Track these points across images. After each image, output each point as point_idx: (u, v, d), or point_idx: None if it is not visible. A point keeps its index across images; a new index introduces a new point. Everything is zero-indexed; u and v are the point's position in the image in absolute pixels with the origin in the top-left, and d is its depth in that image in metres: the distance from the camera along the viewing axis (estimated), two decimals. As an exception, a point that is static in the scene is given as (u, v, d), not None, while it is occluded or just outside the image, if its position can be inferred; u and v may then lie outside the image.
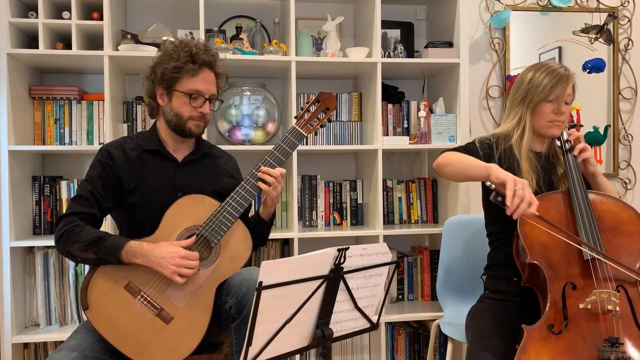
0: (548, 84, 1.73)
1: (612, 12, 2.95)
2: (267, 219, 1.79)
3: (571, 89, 1.76)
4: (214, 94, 1.72)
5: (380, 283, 1.39)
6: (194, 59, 1.65)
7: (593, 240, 1.55)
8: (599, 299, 1.47)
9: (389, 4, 2.67)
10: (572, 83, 1.76)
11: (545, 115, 1.75)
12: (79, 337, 1.54)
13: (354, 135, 2.61)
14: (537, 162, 1.77)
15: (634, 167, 3.01)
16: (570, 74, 1.77)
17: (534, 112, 1.77)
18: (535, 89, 1.75)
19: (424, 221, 2.72)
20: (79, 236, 1.56)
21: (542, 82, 1.74)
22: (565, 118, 1.76)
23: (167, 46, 1.69)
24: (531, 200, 1.44)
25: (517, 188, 1.44)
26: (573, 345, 1.42)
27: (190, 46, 1.66)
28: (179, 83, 1.66)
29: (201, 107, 1.68)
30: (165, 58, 1.66)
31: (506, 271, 1.74)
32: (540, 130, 1.78)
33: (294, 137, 1.71)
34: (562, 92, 1.73)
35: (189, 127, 1.69)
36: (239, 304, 1.52)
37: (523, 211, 1.43)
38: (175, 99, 1.67)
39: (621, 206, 1.66)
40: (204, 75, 1.68)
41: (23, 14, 2.30)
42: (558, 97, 1.73)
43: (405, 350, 2.61)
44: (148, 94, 1.74)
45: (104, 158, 1.68)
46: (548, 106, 1.74)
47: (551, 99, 1.74)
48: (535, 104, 1.75)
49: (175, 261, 1.51)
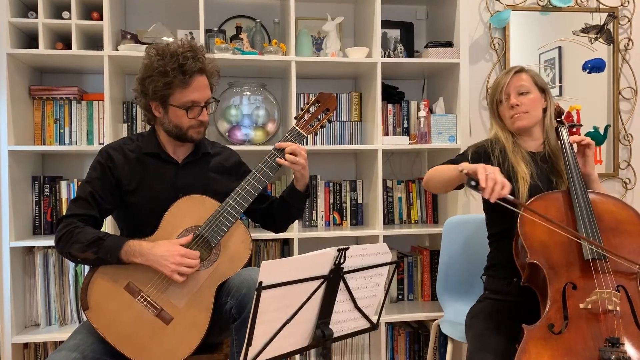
0: (496, 86, 1.85)
1: (612, 12, 2.95)
2: (302, 189, 1.79)
3: (520, 80, 1.81)
4: (209, 97, 1.69)
5: (380, 283, 1.39)
6: (183, 69, 1.59)
7: (594, 239, 1.55)
8: (599, 299, 1.47)
9: (389, 4, 2.67)
10: (521, 74, 1.82)
11: (505, 114, 1.84)
12: (79, 337, 1.54)
13: (354, 135, 2.61)
14: (533, 163, 1.78)
15: (634, 167, 3.01)
16: (516, 67, 1.85)
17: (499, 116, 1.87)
18: (490, 97, 1.89)
19: (424, 221, 2.72)
20: (78, 237, 1.55)
21: (491, 89, 1.89)
22: (526, 108, 1.79)
23: (152, 57, 1.61)
24: (503, 183, 1.46)
25: (488, 172, 1.47)
26: (573, 345, 1.42)
27: (177, 56, 1.59)
28: (172, 97, 1.62)
29: (199, 116, 1.66)
30: (154, 73, 1.59)
31: (506, 271, 1.74)
32: (510, 129, 1.84)
33: (294, 137, 1.71)
34: (504, 85, 1.80)
35: (190, 135, 1.68)
36: (239, 305, 1.51)
37: (498, 193, 1.44)
38: (171, 112, 1.64)
39: (621, 206, 1.66)
40: (197, 83, 1.63)
41: (23, 14, 2.30)
42: (508, 93, 1.81)
43: (405, 350, 2.61)
44: (142, 107, 1.70)
45: (104, 160, 1.68)
46: (503, 106, 1.84)
47: (501, 98, 1.83)
48: (496, 109, 1.86)
49: (175, 259, 1.51)
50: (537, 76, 1.84)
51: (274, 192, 2.58)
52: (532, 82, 1.82)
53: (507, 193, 1.45)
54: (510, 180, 1.72)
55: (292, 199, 1.80)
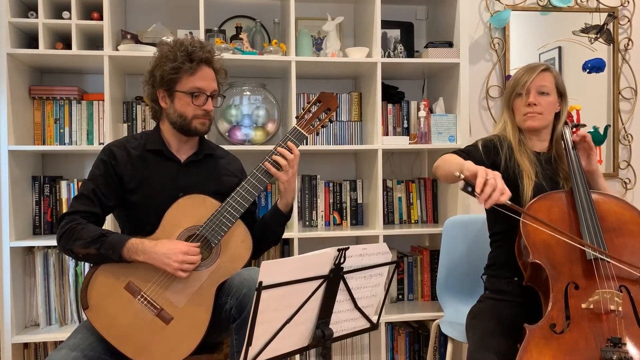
0: (517, 79, 1.81)
1: (612, 12, 2.95)
2: (284, 210, 1.76)
3: (544, 80, 1.78)
4: (215, 90, 1.72)
5: (380, 283, 1.39)
6: (191, 57, 1.65)
7: (596, 240, 1.55)
8: (601, 299, 1.46)
9: (389, 4, 2.67)
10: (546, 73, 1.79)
11: (519, 109, 1.81)
12: (79, 336, 1.55)
13: (354, 135, 2.61)
14: (537, 162, 1.77)
15: (634, 167, 3.01)
16: (543, 66, 1.81)
17: (513, 109, 1.83)
18: (509, 87, 1.84)
19: (424, 221, 2.72)
20: (81, 234, 1.56)
21: (513, 80, 1.83)
22: (541, 109, 1.77)
23: (163, 48, 1.68)
24: (503, 189, 1.42)
25: (488, 177, 1.42)
26: (575, 345, 1.41)
27: (186, 45, 1.65)
28: (179, 83, 1.66)
29: (204, 105, 1.68)
30: (163, 60, 1.66)
31: (507, 271, 1.74)
32: (520, 125, 1.82)
33: (294, 137, 1.71)
34: (527, 81, 1.77)
35: (195, 126, 1.69)
36: (239, 305, 1.52)
37: (496, 199, 1.40)
38: (177, 100, 1.67)
39: (624, 206, 1.65)
40: (203, 72, 1.68)
41: (23, 13, 2.30)
42: (528, 90, 1.77)
43: (405, 350, 2.60)
44: (150, 98, 1.73)
45: (107, 157, 1.68)
46: (519, 100, 1.81)
47: (521, 92, 1.79)
48: (512, 101, 1.83)
49: (178, 257, 1.51)
50: (559, 78, 1.83)
51: (274, 192, 2.58)
52: (554, 85, 1.80)
53: (505, 200, 1.42)
54: (516, 178, 1.73)
55: (272, 219, 1.77)
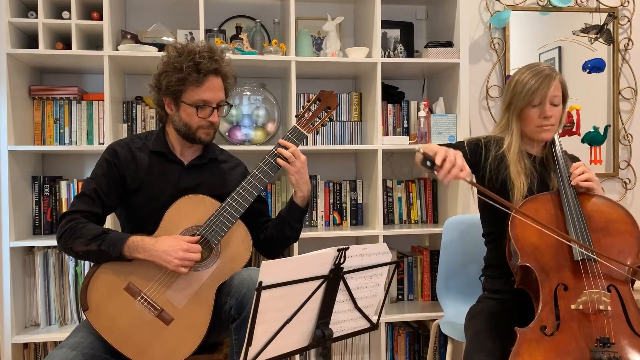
0: (531, 87, 1.69)
1: (612, 12, 2.95)
2: (301, 204, 1.74)
3: (557, 90, 1.71)
4: (222, 100, 1.69)
5: (380, 283, 1.39)
6: (198, 68, 1.60)
7: (582, 240, 1.54)
8: (589, 299, 1.47)
9: (389, 4, 2.67)
10: (558, 82, 1.71)
11: (533, 120, 1.72)
12: (79, 335, 1.54)
13: (353, 135, 2.61)
14: (531, 165, 1.75)
15: (634, 167, 3.01)
16: (555, 73, 1.71)
17: (521, 117, 1.75)
18: (519, 94, 1.71)
19: (424, 221, 2.72)
20: (82, 232, 1.56)
21: (525, 86, 1.70)
22: (555, 120, 1.72)
23: (170, 53, 1.65)
24: (462, 166, 1.41)
25: (448, 154, 1.42)
26: (565, 346, 1.42)
27: (194, 54, 1.61)
28: (184, 94, 1.64)
29: (209, 117, 1.66)
30: (169, 68, 1.62)
31: (503, 271, 1.74)
32: (531, 136, 1.76)
33: (295, 136, 1.71)
34: (544, 93, 1.68)
35: (199, 136, 1.68)
36: (239, 305, 1.51)
37: (455, 175, 1.40)
38: (182, 110, 1.66)
39: (611, 205, 1.64)
40: (210, 83, 1.64)
41: (23, 14, 2.30)
42: (542, 100, 1.70)
43: (405, 350, 2.60)
44: (156, 103, 1.72)
45: (110, 157, 1.68)
46: (534, 111, 1.71)
47: (535, 103, 1.70)
48: (520, 109, 1.72)
49: (179, 254, 1.51)
50: (565, 84, 1.76)
51: (274, 192, 2.58)
52: (561, 92, 1.74)
53: (464, 176, 1.41)
54: (505, 187, 1.72)
55: (288, 214, 1.75)
